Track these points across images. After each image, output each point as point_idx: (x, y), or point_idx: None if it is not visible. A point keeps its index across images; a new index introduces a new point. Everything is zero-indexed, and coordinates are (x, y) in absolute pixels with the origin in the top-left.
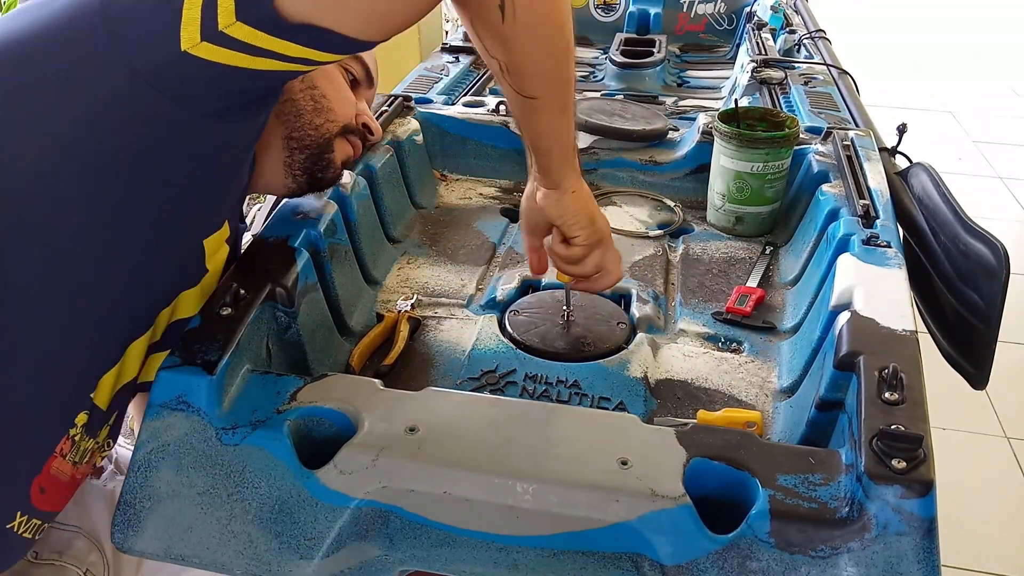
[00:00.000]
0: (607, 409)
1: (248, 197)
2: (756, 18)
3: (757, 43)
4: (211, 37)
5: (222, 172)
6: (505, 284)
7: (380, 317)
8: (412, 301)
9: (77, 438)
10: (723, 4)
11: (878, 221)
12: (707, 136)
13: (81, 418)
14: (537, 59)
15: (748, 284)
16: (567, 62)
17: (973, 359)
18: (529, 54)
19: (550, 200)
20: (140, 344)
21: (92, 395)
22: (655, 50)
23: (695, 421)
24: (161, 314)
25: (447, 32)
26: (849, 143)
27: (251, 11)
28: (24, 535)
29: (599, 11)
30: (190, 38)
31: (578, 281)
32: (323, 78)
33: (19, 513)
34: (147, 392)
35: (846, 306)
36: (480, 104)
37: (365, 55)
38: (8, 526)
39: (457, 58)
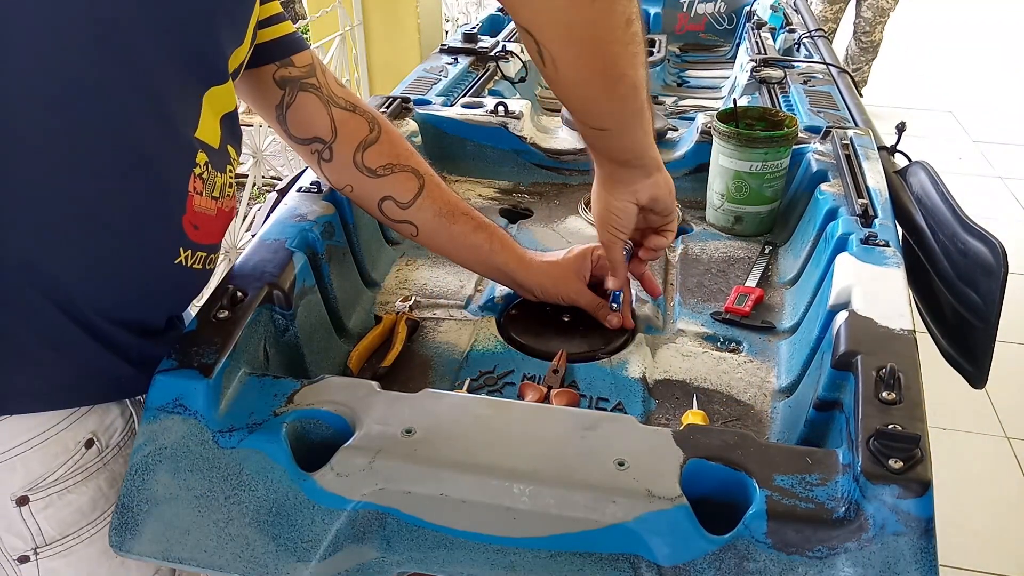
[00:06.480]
0: (605, 410)
1: (248, 197)
2: (756, 17)
3: (757, 42)
4: None
5: None
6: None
7: (378, 319)
8: (410, 303)
9: (204, 176)
10: (723, 3)
11: (877, 220)
12: (706, 136)
13: (201, 157)
14: (595, 104)
15: (747, 284)
16: (634, 98)
17: (972, 358)
18: (584, 102)
19: (643, 183)
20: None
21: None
22: (655, 50)
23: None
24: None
25: (447, 33)
26: (848, 142)
27: None
28: (194, 267)
29: None
30: None
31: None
32: None
33: (182, 249)
34: None
35: (844, 305)
36: (479, 105)
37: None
38: (176, 261)
39: (456, 59)
